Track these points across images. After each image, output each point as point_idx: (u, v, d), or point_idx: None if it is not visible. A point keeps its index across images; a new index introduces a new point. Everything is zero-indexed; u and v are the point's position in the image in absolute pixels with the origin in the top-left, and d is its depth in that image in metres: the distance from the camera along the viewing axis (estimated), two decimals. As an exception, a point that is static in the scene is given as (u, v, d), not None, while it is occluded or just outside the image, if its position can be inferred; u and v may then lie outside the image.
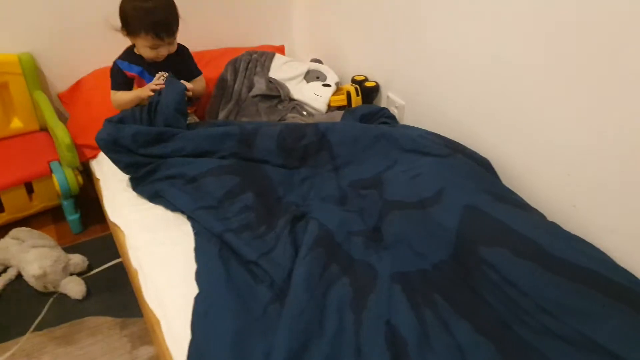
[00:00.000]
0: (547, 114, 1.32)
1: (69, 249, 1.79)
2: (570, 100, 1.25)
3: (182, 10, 2.16)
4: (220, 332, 1.05)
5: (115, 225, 1.50)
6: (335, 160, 1.56)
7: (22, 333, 1.53)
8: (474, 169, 1.39)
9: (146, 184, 1.53)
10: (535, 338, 1.00)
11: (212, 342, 1.04)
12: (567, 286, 1.01)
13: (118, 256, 1.78)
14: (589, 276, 1.02)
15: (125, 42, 1.74)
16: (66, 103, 2.02)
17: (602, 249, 1.15)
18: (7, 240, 1.74)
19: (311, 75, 2.10)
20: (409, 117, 1.86)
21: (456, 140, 1.57)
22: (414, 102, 1.83)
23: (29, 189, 1.84)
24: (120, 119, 1.59)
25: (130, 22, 1.62)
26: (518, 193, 1.35)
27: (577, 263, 1.04)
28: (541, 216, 1.22)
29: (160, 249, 1.32)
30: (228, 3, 2.26)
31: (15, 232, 1.77)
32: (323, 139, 1.56)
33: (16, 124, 1.95)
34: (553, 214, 1.30)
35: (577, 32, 1.19)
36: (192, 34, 2.18)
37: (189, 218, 1.40)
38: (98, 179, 1.72)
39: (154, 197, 1.50)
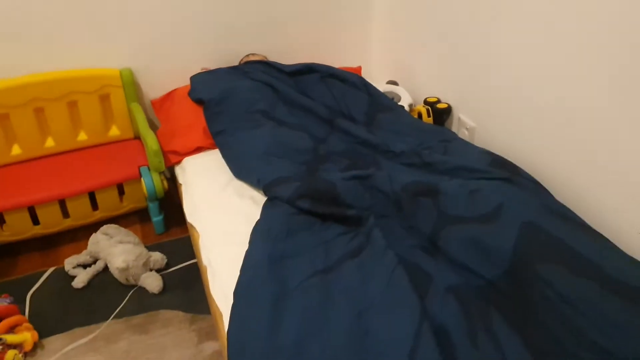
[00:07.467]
0: (623, 141, 1.30)
1: (151, 247, 1.94)
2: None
3: (262, 31, 2.28)
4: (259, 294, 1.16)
5: (192, 226, 1.62)
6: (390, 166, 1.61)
7: (104, 319, 1.68)
8: (534, 187, 1.38)
9: None
10: (590, 358, 0.98)
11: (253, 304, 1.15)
12: (626, 308, 0.99)
13: (194, 257, 1.91)
14: None
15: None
16: (157, 110, 2.18)
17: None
18: (98, 235, 1.92)
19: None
20: (480, 139, 1.87)
21: (528, 163, 1.56)
22: (486, 124, 1.83)
23: (121, 190, 2.02)
24: None
25: None
26: (582, 216, 1.33)
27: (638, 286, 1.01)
28: (603, 238, 1.19)
29: (231, 249, 1.40)
30: (308, 24, 2.36)
31: (105, 228, 1.95)
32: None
33: (114, 131, 2.16)
34: (615, 240, 1.26)
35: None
36: (271, 55, 2.32)
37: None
38: (180, 184, 1.85)
39: None
